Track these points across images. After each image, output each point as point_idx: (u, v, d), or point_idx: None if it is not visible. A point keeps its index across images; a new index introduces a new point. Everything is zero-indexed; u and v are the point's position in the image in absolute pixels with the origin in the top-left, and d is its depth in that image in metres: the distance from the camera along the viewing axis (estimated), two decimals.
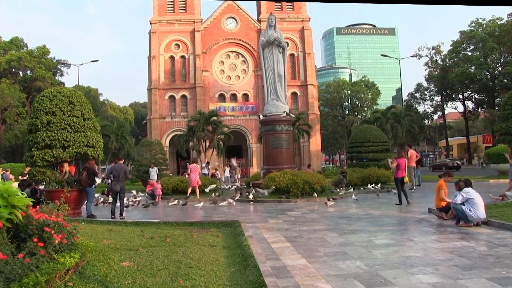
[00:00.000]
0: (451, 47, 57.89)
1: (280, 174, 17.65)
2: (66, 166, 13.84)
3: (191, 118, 41.89)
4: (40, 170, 13.31)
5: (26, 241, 4.80)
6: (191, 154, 44.98)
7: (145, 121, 68.12)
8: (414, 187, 19.87)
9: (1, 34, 57.27)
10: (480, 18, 56.01)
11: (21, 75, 55.98)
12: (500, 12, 63.46)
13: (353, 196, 16.69)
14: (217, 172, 36.50)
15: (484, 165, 44.98)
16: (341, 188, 20.10)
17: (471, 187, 9.61)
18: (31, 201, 5.30)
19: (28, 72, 54.88)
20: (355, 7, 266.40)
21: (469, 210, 9.13)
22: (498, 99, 53.93)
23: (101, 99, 77.04)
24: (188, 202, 16.49)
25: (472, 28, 55.62)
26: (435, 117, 70.98)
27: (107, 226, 10.01)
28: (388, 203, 14.97)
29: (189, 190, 18.63)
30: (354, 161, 28.85)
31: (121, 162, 13.48)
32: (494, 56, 53.90)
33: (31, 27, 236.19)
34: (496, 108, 50.96)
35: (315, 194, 16.46)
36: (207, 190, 19.58)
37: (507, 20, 52.35)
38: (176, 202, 16.53)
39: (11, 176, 21.52)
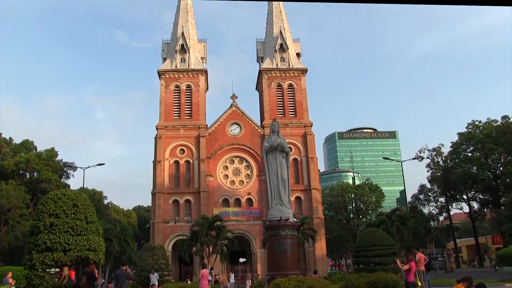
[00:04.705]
0: (451, 148, 58.85)
1: (285, 280, 17.16)
2: (65, 270, 13.58)
3: (194, 222, 41.53)
4: (39, 274, 13.05)
5: None
6: (194, 259, 43.89)
7: (148, 225, 67.55)
8: None
9: (13, 137, 59.06)
10: (476, 121, 57.54)
11: (27, 176, 56.75)
12: (495, 115, 65.81)
13: None
14: (219, 276, 35.44)
15: (496, 267, 43.54)
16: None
17: None
18: None
19: (35, 173, 55.71)
20: (356, 113, 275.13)
21: None
22: (503, 198, 53.69)
23: (105, 202, 77.16)
24: None
25: (470, 130, 56.99)
26: (441, 218, 70.09)
27: None
28: None
29: None
30: (360, 266, 28.11)
31: (124, 268, 13.48)
32: (494, 156, 54.66)
33: (42, 130, 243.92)
34: (502, 207, 50.52)
35: None
36: None
37: (502, 122, 53.92)
38: None
39: (11, 281, 20.90)
